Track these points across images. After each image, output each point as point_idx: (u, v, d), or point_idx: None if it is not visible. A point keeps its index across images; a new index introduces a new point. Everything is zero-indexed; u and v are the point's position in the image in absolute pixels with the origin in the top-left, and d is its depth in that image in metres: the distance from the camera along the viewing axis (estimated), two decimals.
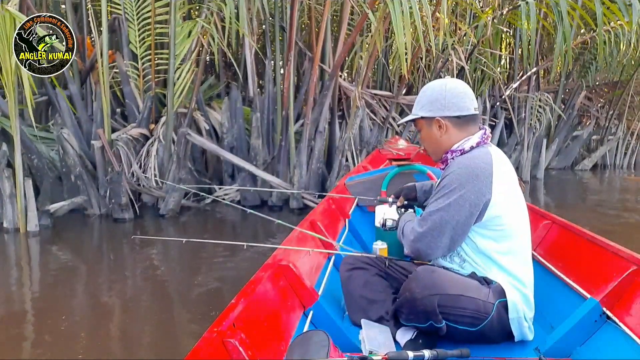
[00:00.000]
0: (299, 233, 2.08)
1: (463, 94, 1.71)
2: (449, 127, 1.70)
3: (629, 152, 11.01)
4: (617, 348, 1.50)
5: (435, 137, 1.74)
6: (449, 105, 1.69)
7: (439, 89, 1.72)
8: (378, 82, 8.16)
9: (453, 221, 1.59)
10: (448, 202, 1.60)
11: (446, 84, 1.72)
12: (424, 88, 1.78)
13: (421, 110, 1.74)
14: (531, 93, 8.54)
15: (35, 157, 5.25)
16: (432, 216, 1.62)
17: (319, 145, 6.07)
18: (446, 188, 1.62)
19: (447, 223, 1.60)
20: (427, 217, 1.64)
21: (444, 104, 1.69)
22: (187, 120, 5.83)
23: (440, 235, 1.61)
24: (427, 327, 1.57)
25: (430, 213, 1.63)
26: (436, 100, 1.70)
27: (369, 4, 5.32)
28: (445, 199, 1.61)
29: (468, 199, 1.58)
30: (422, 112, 1.74)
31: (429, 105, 1.72)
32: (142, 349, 2.62)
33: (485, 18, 6.51)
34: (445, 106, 1.69)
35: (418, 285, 1.54)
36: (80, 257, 4.36)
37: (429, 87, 1.77)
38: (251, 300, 1.40)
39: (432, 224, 1.61)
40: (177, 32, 5.44)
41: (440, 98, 1.70)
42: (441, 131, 1.71)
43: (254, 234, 4.91)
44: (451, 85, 1.71)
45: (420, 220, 1.66)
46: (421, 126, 1.78)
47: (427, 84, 1.80)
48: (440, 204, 1.61)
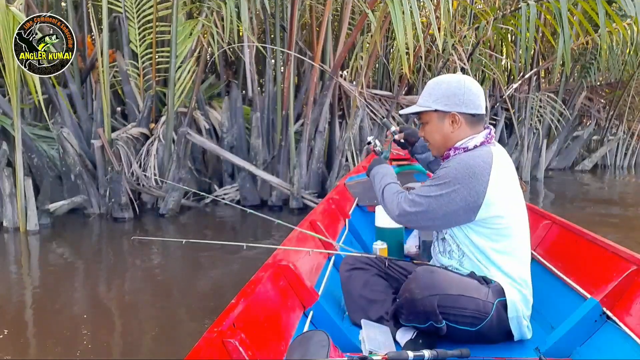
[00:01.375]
0: (299, 233, 2.08)
1: (479, 92, 1.71)
2: (462, 123, 1.69)
3: (629, 153, 10.99)
4: (617, 348, 1.51)
5: (446, 131, 1.71)
6: (467, 101, 1.68)
7: (457, 84, 1.69)
8: (378, 82, 8.16)
9: (441, 211, 1.61)
10: (440, 193, 1.61)
11: (464, 80, 1.70)
12: (437, 81, 1.74)
13: (435, 103, 1.70)
14: (532, 93, 8.54)
15: (35, 156, 5.25)
16: (422, 200, 1.63)
17: (319, 145, 6.07)
18: (441, 179, 1.63)
19: (435, 212, 1.62)
20: (417, 199, 1.64)
21: (462, 99, 1.67)
22: (187, 119, 5.82)
23: (425, 220, 1.66)
24: (427, 327, 1.57)
25: (421, 197, 1.64)
26: (454, 95, 1.68)
27: (369, 3, 5.32)
28: (438, 188, 1.62)
29: (460, 194, 1.58)
30: (436, 105, 1.70)
31: (445, 99, 1.69)
32: (142, 348, 2.61)
33: (486, 19, 6.50)
34: (463, 102, 1.68)
35: (418, 285, 1.55)
36: (80, 257, 4.36)
37: (443, 80, 1.73)
38: (251, 300, 1.40)
39: (420, 208, 1.63)
40: (178, 31, 5.44)
41: (459, 94, 1.67)
42: (454, 126, 1.70)
43: (254, 233, 4.91)
44: (469, 83, 1.70)
45: (410, 200, 1.66)
46: (429, 119, 1.74)
47: (438, 78, 1.76)
48: (432, 191, 1.62)
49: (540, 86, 9.37)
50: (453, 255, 1.72)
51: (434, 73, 7.63)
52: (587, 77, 9.15)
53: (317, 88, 6.11)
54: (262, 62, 7.11)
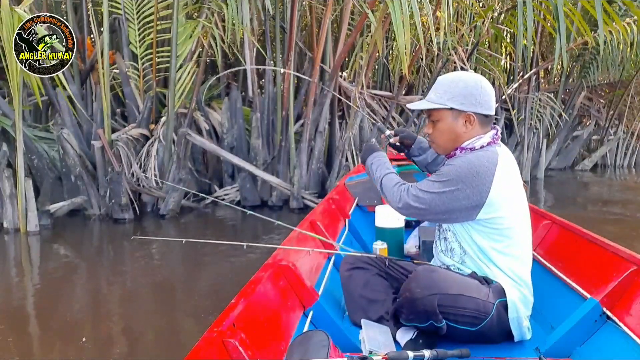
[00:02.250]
0: (299, 233, 2.08)
1: (492, 93, 1.71)
2: (475, 123, 1.68)
3: (629, 152, 10.98)
4: (617, 348, 1.51)
5: (458, 131, 1.69)
6: (482, 102, 1.67)
7: (474, 84, 1.67)
8: (378, 82, 8.16)
9: (443, 207, 1.62)
10: (443, 190, 1.61)
11: (481, 80, 1.69)
12: (453, 78, 1.71)
13: (451, 101, 1.67)
14: (531, 93, 8.54)
15: (35, 157, 5.25)
16: (425, 196, 1.63)
17: (319, 145, 6.07)
18: (445, 176, 1.63)
19: (437, 207, 1.62)
20: (420, 195, 1.64)
21: (479, 100, 1.66)
22: (187, 120, 5.83)
23: (425, 214, 1.67)
24: (428, 326, 1.57)
25: (424, 193, 1.64)
26: (471, 94, 1.66)
27: (369, 4, 5.32)
28: (441, 185, 1.62)
29: (463, 193, 1.59)
30: (452, 103, 1.67)
31: (462, 98, 1.66)
32: (142, 348, 2.62)
33: (484, 17, 6.50)
34: (479, 103, 1.66)
35: (418, 285, 1.55)
36: (80, 257, 4.36)
37: (460, 79, 1.70)
38: (251, 300, 1.40)
39: (423, 204, 1.64)
40: (179, 32, 5.44)
41: (476, 94, 1.66)
42: (467, 126, 1.68)
43: (254, 234, 4.91)
44: (485, 83, 1.70)
45: (413, 195, 1.66)
46: (442, 117, 1.70)
47: (454, 75, 1.74)
48: (436, 188, 1.62)
49: (540, 86, 9.37)
50: (455, 254, 1.73)
51: (434, 73, 7.64)
52: (587, 77, 9.14)
53: (317, 88, 6.11)
54: (261, 62, 7.10)
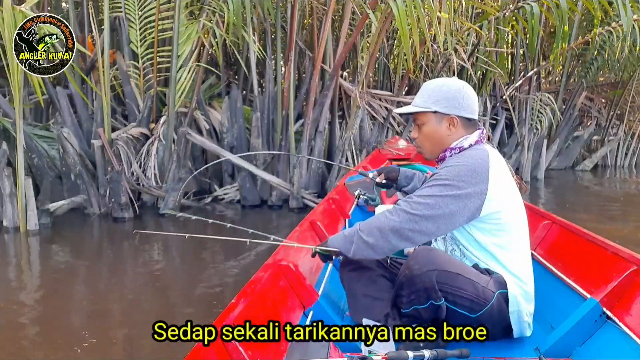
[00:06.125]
0: (299, 233, 2.09)
1: (475, 98, 1.78)
2: (459, 126, 1.73)
3: (629, 153, 10.98)
4: (617, 348, 1.51)
5: (442, 133, 1.74)
6: (465, 106, 1.73)
7: (457, 89, 1.73)
8: (379, 82, 8.16)
9: (447, 209, 1.57)
10: (446, 193, 1.59)
11: (464, 85, 1.76)
12: (437, 83, 1.78)
13: (435, 105, 1.73)
14: (532, 93, 8.53)
15: (35, 156, 5.25)
16: (429, 201, 1.57)
17: (319, 145, 6.07)
18: (444, 179, 1.60)
19: (440, 209, 1.57)
20: (420, 200, 1.59)
21: (461, 103, 1.72)
22: (187, 119, 5.83)
23: (427, 220, 1.57)
24: (428, 307, 1.57)
25: (426, 197, 1.59)
26: (454, 98, 1.72)
27: (370, 4, 5.32)
28: (443, 188, 1.59)
29: (465, 192, 1.58)
30: (436, 107, 1.73)
31: (445, 101, 1.72)
32: (142, 348, 2.61)
33: (487, 18, 6.50)
34: (462, 106, 1.72)
35: (417, 262, 1.56)
36: (80, 256, 4.36)
37: (444, 84, 1.76)
38: (251, 300, 1.40)
39: (423, 207, 1.57)
40: (180, 31, 5.44)
41: (459, 97, 1.72)
42: (450, 129, 1.73)
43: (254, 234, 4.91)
44: (468, 88, 1.76)
45: (412, 203, 1.59)
46: (427, 120, 1.75)
47: (437, 81, 1.80)
48: (435, 192, 1.59)
49: (541, 86, 9.36)
50: (454, 254, 1.74)
51: (434, 73, 7.64)
52: (588, 77, 9.13)
53: (317, 88, 6.11)
54: (262, 62, 7.10)
